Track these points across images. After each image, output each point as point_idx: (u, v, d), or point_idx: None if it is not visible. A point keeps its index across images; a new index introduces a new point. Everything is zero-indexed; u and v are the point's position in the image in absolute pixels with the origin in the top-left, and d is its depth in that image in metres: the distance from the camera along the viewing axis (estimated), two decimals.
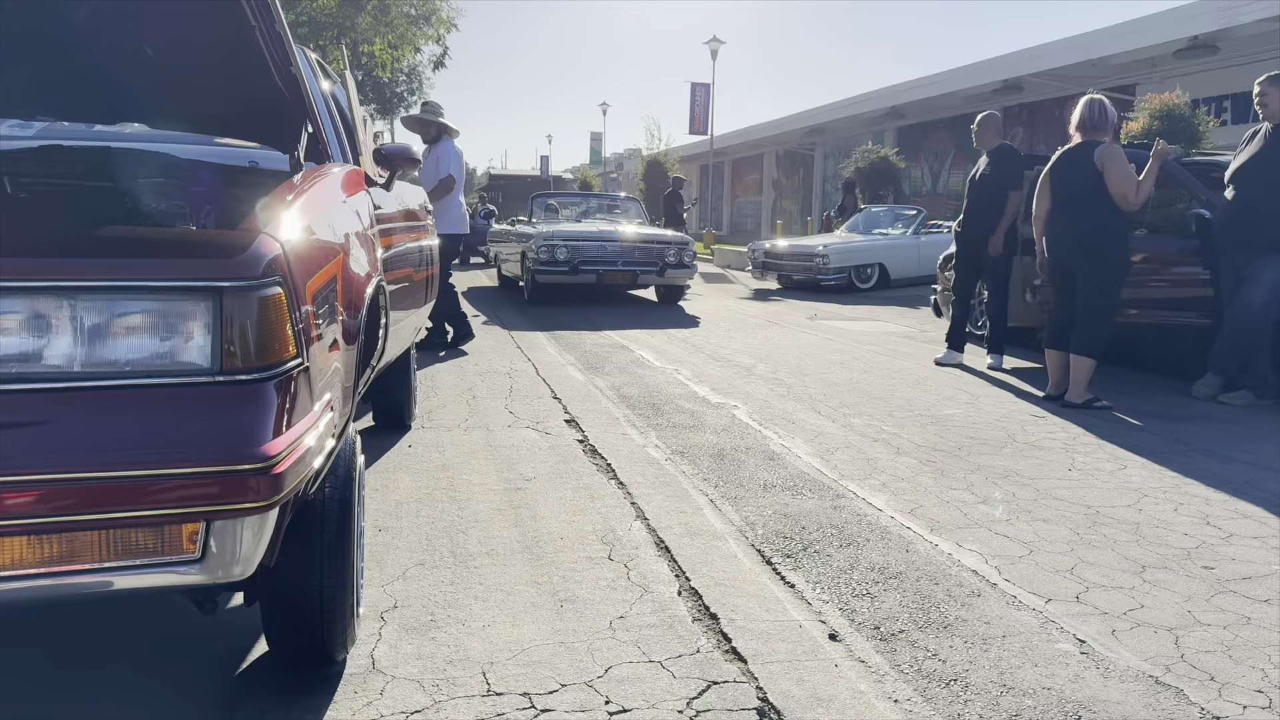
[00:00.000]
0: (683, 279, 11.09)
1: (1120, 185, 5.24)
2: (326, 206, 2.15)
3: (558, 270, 10.42)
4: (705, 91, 27.44)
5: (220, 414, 1.52)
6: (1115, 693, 2.17)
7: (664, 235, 11.27)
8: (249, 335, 1.54)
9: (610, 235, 10.89)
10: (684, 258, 10.84)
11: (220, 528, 1.50)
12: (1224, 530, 3.30)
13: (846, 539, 3.16)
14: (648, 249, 10.81)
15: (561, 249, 10.43)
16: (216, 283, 1.53)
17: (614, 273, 10.61)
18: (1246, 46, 14.38)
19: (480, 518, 3.35)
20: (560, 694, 2.14)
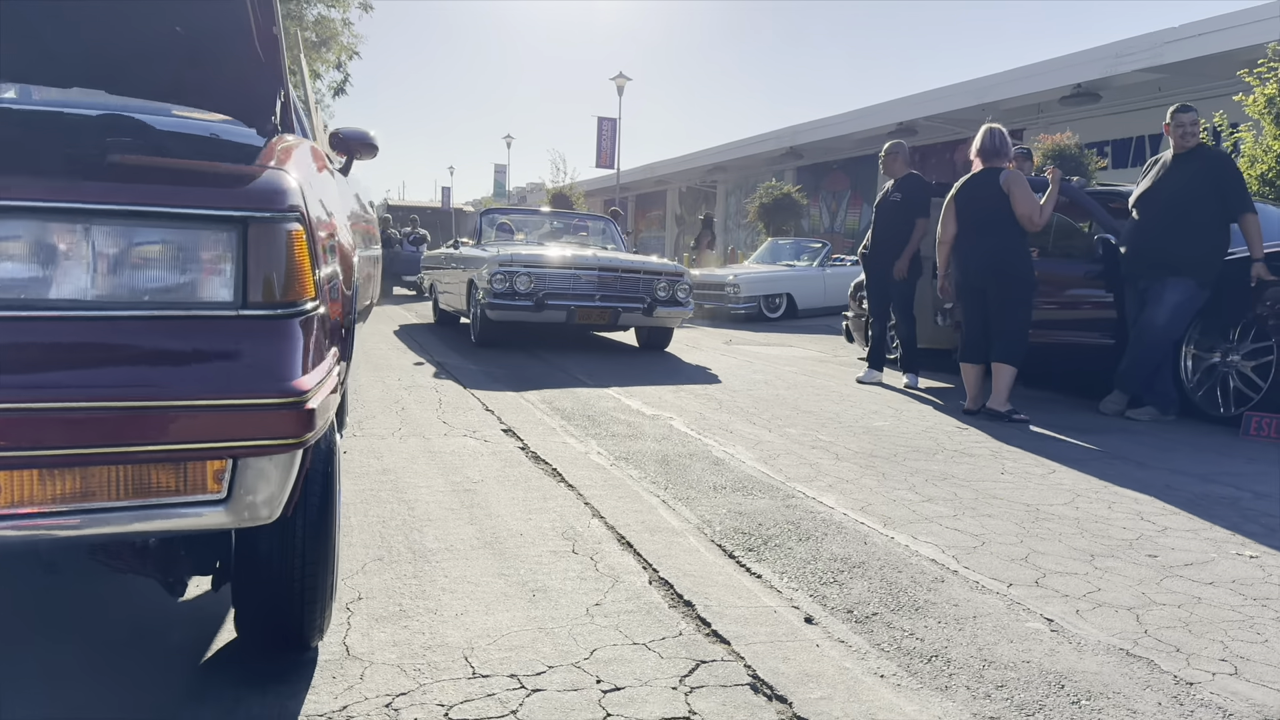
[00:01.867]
0: (674, 319, 8.76)
1: (1026, 208, 5.51)
2: (313, 172, 2.07)
3: (518, 304, 8.02)
4: (612, 126, 27.68)
5: (247, 347, 1.44)
6: (1091, 664, 2.23)
7: (652, 264, 8.81)
8: (274, 269, 1.47)
9: (585, 261, 8.45)
10: (677, 292, 8.58)
11: (247, 466, 1.41)
12: (1158, 525, 3.44)
13: (804, 534, 3.18)
14: (633, 280, 8.42)
15: (523, 277, 8.02)
16: (241, 212, 1.46)
17: (589, 309, 8.22)
18: (1126, 95, 15.28)
19: (433, 516, 3.26)
20: (548, 675, 2.08)
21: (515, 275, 8.03)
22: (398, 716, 1.88)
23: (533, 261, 8.19)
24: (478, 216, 10.18)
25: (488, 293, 8.04)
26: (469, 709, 1.92)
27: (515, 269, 8.06)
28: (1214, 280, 5.62)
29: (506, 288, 8.02)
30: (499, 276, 8.01)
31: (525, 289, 8.04)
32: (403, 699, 1.95)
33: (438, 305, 11.10)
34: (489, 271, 8.08)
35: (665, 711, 1.93)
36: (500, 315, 8.10)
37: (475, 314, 8.61)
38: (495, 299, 8.00)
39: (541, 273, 8.13)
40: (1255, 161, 8.68)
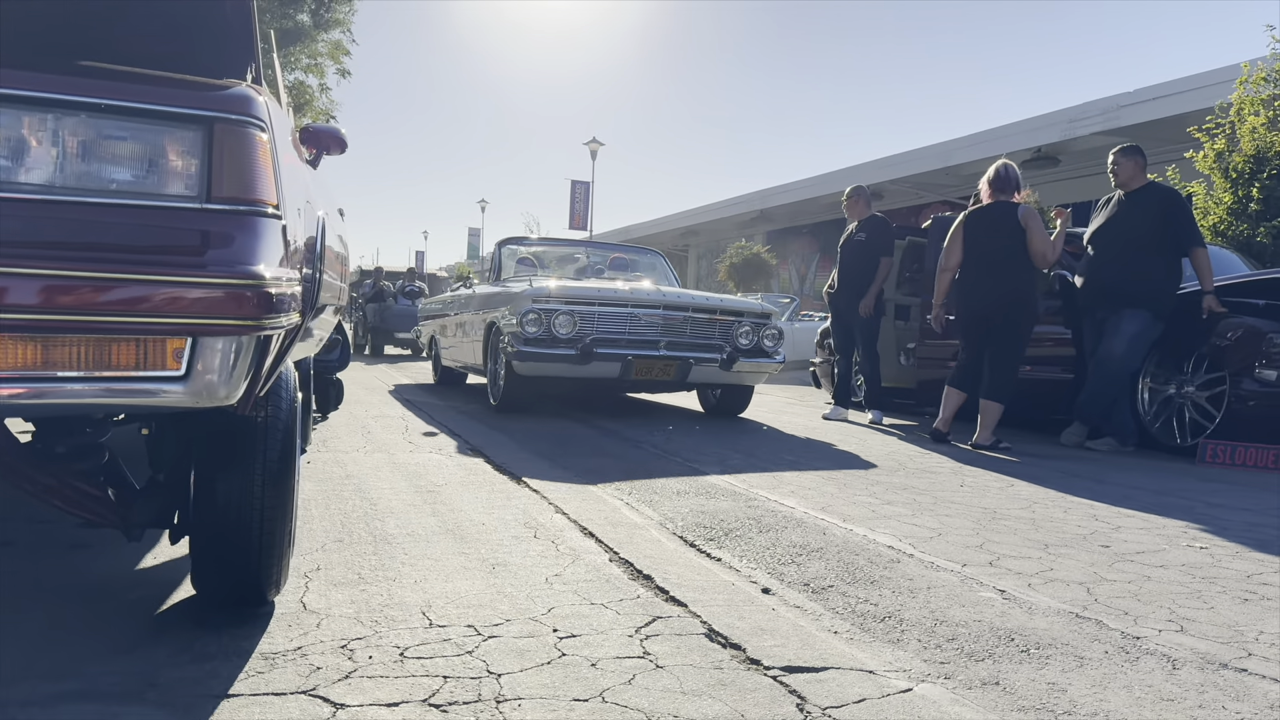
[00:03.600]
0: (760, 374, 6.66)
1: (1041, 244, 5.62)
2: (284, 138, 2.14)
3: (557, 353, 6.00)
4: (585, 189, 28.09)
5: (209, 235, 1.48)
6: (1041, 623, 2.27)
7: (733, 302, 6.87)
8: (238, 169, 1.53)
9: (646, 297, 6.47)
10: (764, 339, 6.59)
11: (206, 345, 1.44)
12: (1112, 524, 3.50)
13: (765, 527, 3.21)
14: (707, 323, 6.46)
15: (564, 317, 6.06)
16: (208, 112, 1.52)
17: (650, 361, 6.14)
18: (1084, 159, 15.74)
19: (395, 510, 3.26)
20: (506, 626, 2.09)
21: (554, 315, 6.01)
22: (353, 655, 1.88)
23: (578, 297, 6.19)
24: (496, 248, 8.13)
25: (516, 338, 6.01)
26: (424, 650, 1.92)
27: (554, 306, 6.05)
28: (1168, 312, 5.78)
29: (542, 332, 5.99)
30: (532, 317, 5.98)
31: (567, 333, 6.01)
32: (358, 642, 1.95)
33: (439, 362, 9.21)
34: (518, 311, 6.09)
35: (620, 652, 1.95)
36: (532, 368, 6.07)
37: (497, 368, 6.59)
38: (527, 346, 5.97)
39: (589, 312, 6.13)
40: (1207, 213, 8.96)
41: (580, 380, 6.30)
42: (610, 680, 1.79)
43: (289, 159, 1.91)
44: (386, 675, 1.79)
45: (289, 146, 2.01)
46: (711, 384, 6.68)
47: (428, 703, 1.67)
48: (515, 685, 1.76)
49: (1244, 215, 8.68)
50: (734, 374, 6.48)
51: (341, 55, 25.21)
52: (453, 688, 1.74)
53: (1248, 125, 8.71)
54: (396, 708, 1.65)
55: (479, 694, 1.71)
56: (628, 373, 6.14)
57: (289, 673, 1.78)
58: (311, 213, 2.18)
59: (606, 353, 6.08)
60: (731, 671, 1.87)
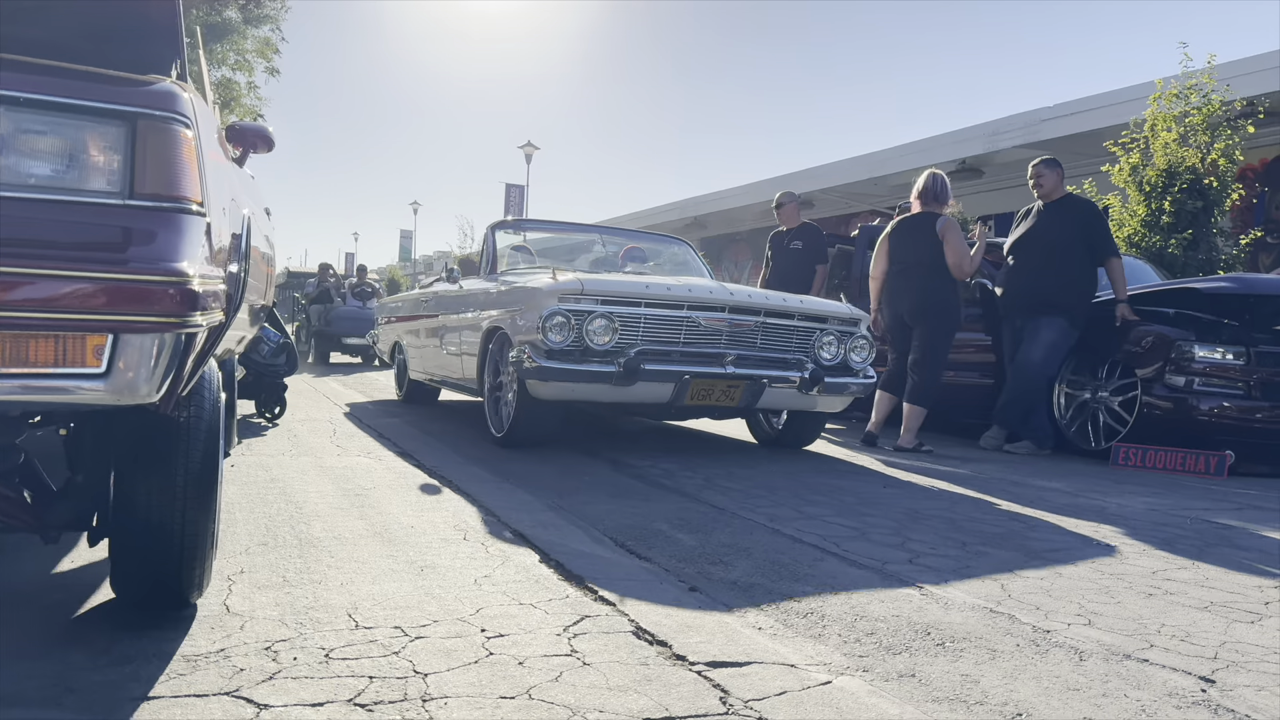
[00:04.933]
0: (841, 399, 5.23)
1: (957, 256, 5.76)
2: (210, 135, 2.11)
3: (592, 369, 4.53)
4: (520, 193, 28.01)
5: (132, 232, 1.47)
6: (957, 617, 2.34)
7: (815, 304, 5.30)
8: (161, 166, 1.51)
9: (709, 295, 4.89)
10: (852, 352, 5.22)
11: (128, 342, 1.43)
12: (1028, 524, 3.62)
13: (694, 527, 3.25)
14: (785, 331, 5.02)
15: (601, 321, 4.60)
16: (131, 108, 1.50)
17: (712, 381, 4.71)
18: (1006, 171, 16.16)
19: (321, 513, 3.23)
20: (433, 626, 2.10)
21: (588, 319, 4.53)
22: (277, 657, 1.87)
23: (619, 294, 4.66)
24: (488, 232, 6.45)
25: (535, 349, 4.53)
26: (350, 651, 1.92)
27: (588, 307, 4.56)
28: (1084, 320, 5.98)
29: (571, 341, 4.53)
30: (559, 321, 4.51)
31: (605, 342, 4.54)
32: (283, 644, 1.94)
33: (407, 373, 7.57)
34: (539, 313, 4.56)
35: (547, 650, 1.97)
36: (556, 390, 4.56)
37: (501, 388, 5.13)
38: (550, 360, 4.47)
39: (633, 315, 4.63)
40: (1122, 225, 9.28)
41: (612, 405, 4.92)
42: (537, 678, 1.81)
43: (214, 156, 1.89)
44: (311, 676, 1.78)
45: (214, 144, 2.00)
46: (786, 409, 5.39)
47: (353, 702, 1.67)
48: (442, 684, 1.76)
49: (1156, 227, 9.01)
50: (813, 398, 4.99)
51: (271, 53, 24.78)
52: (378, 688, 1.74)
53: (1160, 140, 9.04)
54: (321, 708, 1.65)
55: (405, 693, 1.72)
56: (681, 396, 4.62)
57: (211, 674, 1.77)
58: (237, 211, 2.16)
59: (656, 369, 4.52)
60: (657, 667, 1.91)
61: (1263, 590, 2.78)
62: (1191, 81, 9.03)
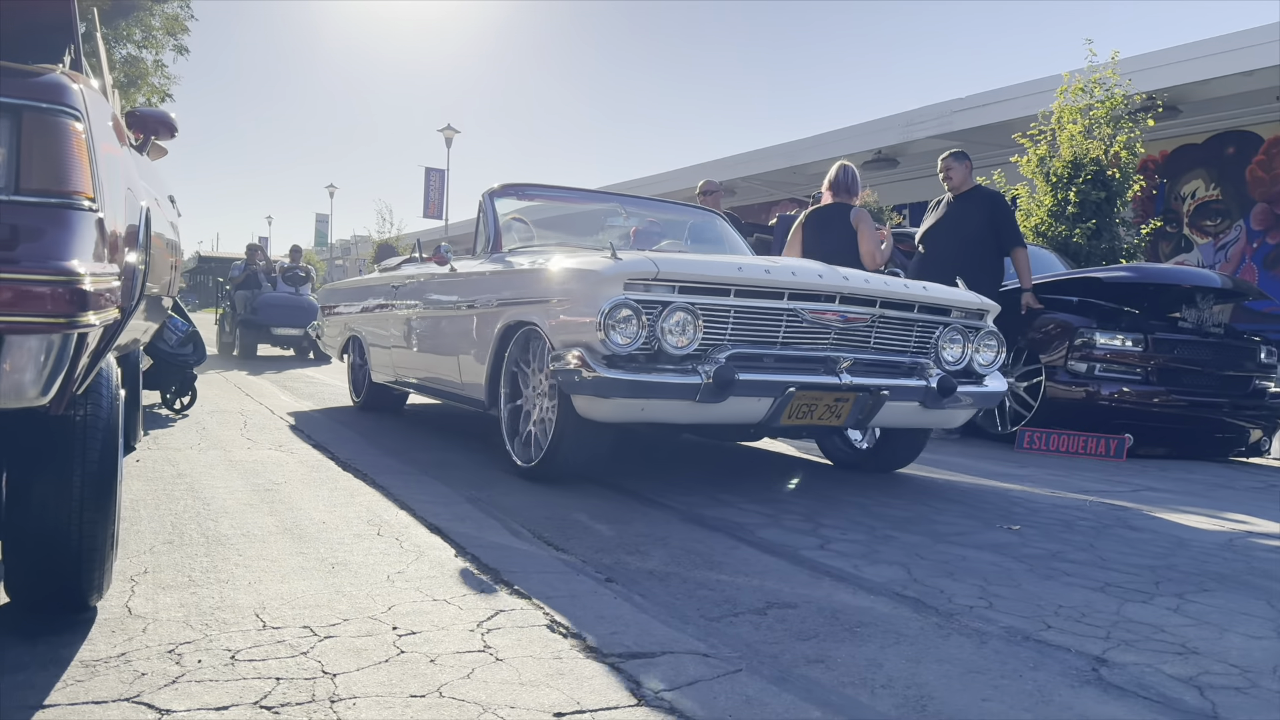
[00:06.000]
0: (967, 411, 4.17)
1: (870, 246, 5.84)
2: (103, 124, 2.04)
3: (668, 381, 3.36)
4: (440, 177, 27.62)
5: (18, 227, 1.41)
6: (865, 602, 2.40)
7: (938, 291, 4.08)
8: (48, 160, 1.45)
9: (819, 281, 3.73)
10: (979, 350, 4.15)
11: (16, 343, 1.37)
12: (935, 508, 3.73)
13: (612, 519, 3.26)
14: (902, 326, 3.95)
15: (681, 315, 3.41)
16: (16, 100, 1.44)
17: (820, 392, 3.57)
18: (920, 161, 16.50)
19: (230, 510, 3.16)
20: (343, 625, 2.07)
21: (665, 311, 3.39)
22: (181, 660, 1.83)
23: (707, 278, 3.52)
24: (485, 201, 5.01)
25: (594, 354, 3.38)
26: (257, 653, 1.88)
27: (665, 296, 3.43)
28: None
29: (641, 341, 3.37)
30: (625, 315, 3.34)
31: (684, 344, 3.42)
32: (187, 646, 1.90)
33: (366, 375, 6.27)
34: (601, 304, 3.34)
35: (460, 647, 1.96)
36: (618, 408, 3.41)
37: (527, 403, 3.98)
38: (612, 369, 3.35)
39: (722, 307, 3.52)
40: (1029, 215, 9.55)
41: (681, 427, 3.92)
42: (449, 675, 1.81)
43: (108, 146, 1.83)
44: (216, 679, 1.75)
45: (109, 133, 1.93)
46: (900, 427, 4.20)
47: (259, 705, 1.65)
48: (351, 684, 1.75)
49: (1062, 217, 9.29)
50: (937, 413, 3.93)
51: (179, 30, 23.98)
52: (286, 689, 1.71)
53: (1066, 133, 9.32)
54: (225, 711, 1.62)
55: (313, 694, 1.70)
56: (777, 415, 3.51)
57: (111, 680, 1.72)
58: (134, 201, 2.10)
59: (755, 380, 3.42)
60: (570, 660, 1.91)
61: (1155, 570, 2.90)
62: (1096, 76, 9.32)
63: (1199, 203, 13.30)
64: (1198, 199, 13.32)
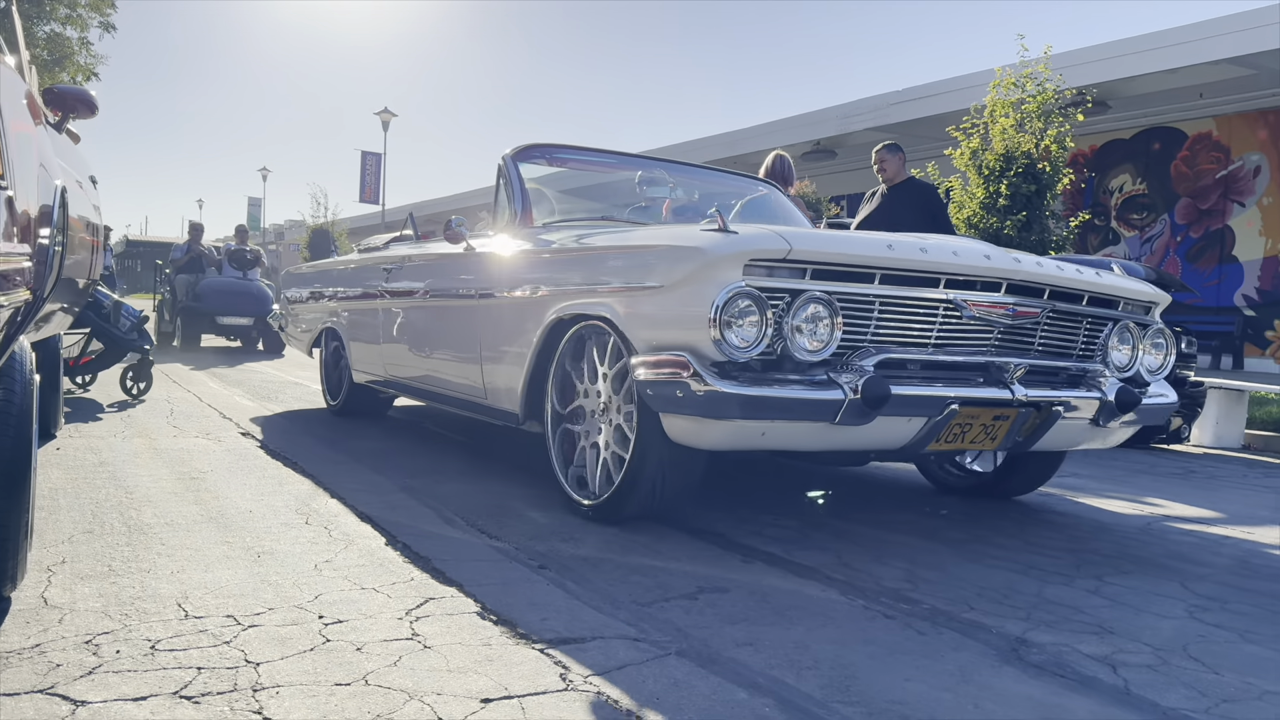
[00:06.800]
0: (1129, 427, 3.34)
1: None
2: (15, 102, 1.97)
3: (808, 394, 2.55)
4: (377, 161, 27.20)
5: None
6: (795, 585, 2.43)
7: (1108, 282, 3.25)
8: None
9: (988, 265, 2.89)
10: (1148, 353, 3.39)
11: None
12: (863, 495, 3.78)
13: (548, 507, 3.26)
14: (1069, 322, 3.17)
15: (815, 308, 2.60)
16: None
17: (982, 409, 2.81)
18: (857, 153, 16.68)
19: (154, 499, 3.09)
20: (268, 615, 2.04)
21: (798, 303, 2.59)
22: (98, 651, 1.78)
23: (850, 259, 2.69)
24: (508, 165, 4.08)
25: (702, 360, 2.57)
26: (178, 642, 1.85)
27: (794, 283, 2.62)
28: None
29: (766, 343, 2.57)
30: (745, 307, 2.54)
31: (818, 347, 2.62)
32: (105, 637, 1.85)
33: (346, 374, 5.33)
34: (714, 293, 2.53)
35: (388, 635, 1.94)
36: (733, 432, 2.62)
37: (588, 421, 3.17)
38: (729, 381, 2.52)
39: (865, 297, 2.74)
40: (962, 207, 9.73)
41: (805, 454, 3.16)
42: (375, 663, 1.79)
43: (20, 125, 1.77)
44: (135, 669, 1.71)
45: (21, 111, 1.86)
46: (1057, 448, 3.39)
47: (178, 695, 1.61)
48: (274, 673, 1.72)
49: (994, 209, 9.48)
50: (1108, 431, 3.26)
51: (106, 7, 23.30)
52: (207, 679, 1.68)
53: (999, 126, 9.50)
54: (144, 702, 1.58)
55: (235, 684, 1.67)
56: (929, 438, 2.79)
57: (24, 672, 1.67)
58: (49, 180, 2.03)
59: (912, 395, 2.68)
60: (500, 647, 1.91)
61: (1076, 554, 2.98)
62: (1028, 71, 9.50)
63: (1126, 196, 13.67)
64: (1125, 193, 13.68)
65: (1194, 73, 11.20)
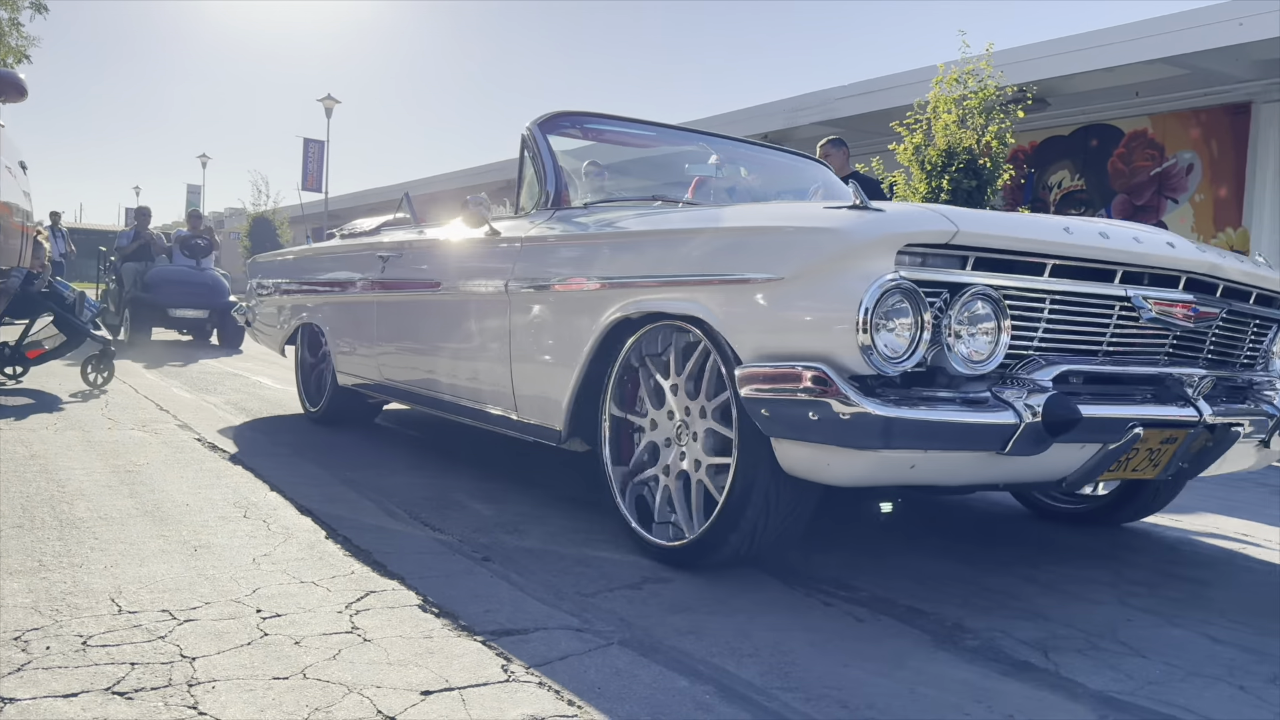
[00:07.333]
0: None
1: None
2: None
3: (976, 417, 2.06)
4: (319, 148, 26.76)
5: None
6: (736, 574, 2.45)
7: (1266, 275, 2.74)
8: None
9: (1173, 255, 2.42)
10: None
11: None
12: None
13: (492, 499, 3.25)
14: (1241, 322, 2.72)
15: (980, 306, 2.11)
16: None
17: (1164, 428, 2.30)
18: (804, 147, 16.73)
19: (87, 492, 3.02)
20: (205, 609, 2.01)
21: (962, 299, 2.08)
22: (28, 647, 1.74)
23: (1021, 243, 2.19)
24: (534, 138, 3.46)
25: (841, 373, 2.02)
26: (111, 638, 1.81)
27: (954, 275, 2.12)
28: None
29: (919, 350, 2.06)
30: (897, 306, 2.03)
31: (983, 356, 2.13)
32: (35, 633, 1.81)
33: (327, 376, 4.70)
34: (859, 290, 2.00)
35: (327, 629, 1.92)
36: (873, 465, 2.09)
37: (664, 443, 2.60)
38: (878, 401, 1.99)
39: (1036, 294, 2.23)
40: (905, 202, 9.86)
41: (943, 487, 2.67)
42: (314, 657, 1.77)
43: None
44: (66, 665, 1.67)
45: None
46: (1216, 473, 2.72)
47: (111, 691, 1.58)
48: (210, 668, 1.69)
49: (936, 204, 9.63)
50: (1266, 454, 2.79)
51: None
52: (141, 674, 1.65)
53: (941, 122, 9.63)
54: (75, 699, 1.55)
55: (170, 679, 1.64)
56: (1098, 469, 2.31)
57: None
58: None
59: (1100, 418, 2.21)
60: (441, 640, 1.90)
61: (1012, 542, 3.05)
62: (969, 67, 9.64)
63: (1064, 192, 13.95)
64: (1063, 189, 13.96)
65: (1130, 72, 11.45)
